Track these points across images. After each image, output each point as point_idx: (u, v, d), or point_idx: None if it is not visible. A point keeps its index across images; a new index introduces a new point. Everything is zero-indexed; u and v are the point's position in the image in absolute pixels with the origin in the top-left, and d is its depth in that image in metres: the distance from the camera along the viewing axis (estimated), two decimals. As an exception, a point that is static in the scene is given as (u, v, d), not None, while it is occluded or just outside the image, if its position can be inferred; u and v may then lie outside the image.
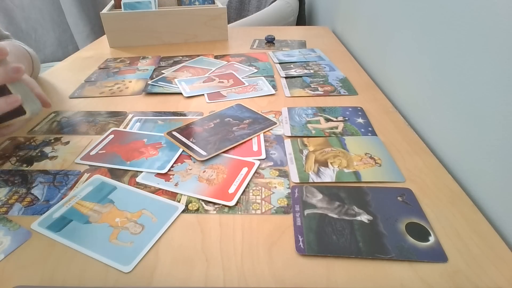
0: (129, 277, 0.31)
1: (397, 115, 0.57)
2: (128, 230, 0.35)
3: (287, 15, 1.27)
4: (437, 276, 0.31)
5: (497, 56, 0.38)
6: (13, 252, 0.33)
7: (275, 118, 0.56)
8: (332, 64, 0.78)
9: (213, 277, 0.31)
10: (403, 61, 0.61)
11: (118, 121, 0.56)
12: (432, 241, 0.34)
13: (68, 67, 0.83)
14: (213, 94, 0.65)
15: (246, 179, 0.42)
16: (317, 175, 0.43)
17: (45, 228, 0.36)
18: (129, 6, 0.94)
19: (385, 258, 0.32)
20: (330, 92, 0.65)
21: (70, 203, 0.39)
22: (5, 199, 0.40)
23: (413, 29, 0.57)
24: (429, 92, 0.52)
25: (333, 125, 0.54)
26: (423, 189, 0.41)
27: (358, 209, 0.38)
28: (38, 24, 1.61)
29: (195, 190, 0.41)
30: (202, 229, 0.36)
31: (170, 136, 0.51)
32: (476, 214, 0.37)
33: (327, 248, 0.33)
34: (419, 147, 0.49)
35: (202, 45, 0.95)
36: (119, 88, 0.69)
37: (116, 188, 0.41)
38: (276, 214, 0.38)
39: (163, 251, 0.33)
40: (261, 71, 0.76)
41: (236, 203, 0.39)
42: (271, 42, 0.96)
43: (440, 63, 0.49)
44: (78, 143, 0.50)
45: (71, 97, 0.66)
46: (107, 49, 0.95)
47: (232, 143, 0.49)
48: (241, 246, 0.34)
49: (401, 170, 0.44)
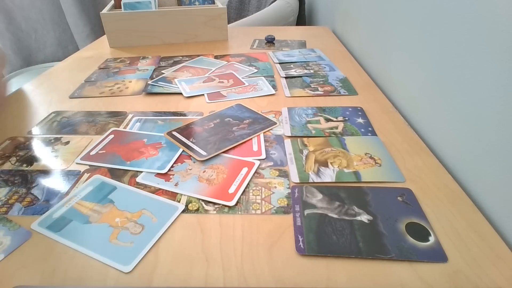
0: (129, 277, 0.31)
1: (397, 115, 0.57)
2: (128, 230, 0.35)
3: (287, 15, 1.27)
4: (437, 276, 0.31)
5: (497, 56, 0.38)
6: (13, 252, 0.33)
7: (275, 118, 0.56)
8: (332, 64, 0.78)
9: (213, 277, 0.31)
10: (403, 61, 0.61)
11: (118, 121, 0.56)
12: (432, 241, 0.34)
13: (68, 67, 0.83)
14: (213, 94, 0.65)
15: (246, 179, 0.42)
16: (317, 175, 0.43)
17: (45, 228, 0.36)
18: (129, 6, 0.94)
19: (385, 258, 0.32)
20: (330, 92, 0.65)
21: (70, 203, 0.39)
22: (5, 199, 0.40)
23: (413, 29, 0.57)
24: (429, 92, 0.52)
25: (333, 125, 0.54)
26: (423, 189, 0.41)
27: (358, 209, 0.38)
28: (38, 24, 1.61)
29: (195, 190, 0.41)
30: (202, 229, 0.36)
31: (170, 136, 0.51)
32: (476, 214, 0.37)
33: (327, 248, 0.33)
34: (419, 147, 0.49)
35: (202, 45, 0.95)
36: (119, 88, 0.69)
37: (116, 188, 0.41)
38: (276, 214, 0.38)
39: (163, 251, 0.33)
40: (261, 71, 0.76)
41: (236, 203, 0.39)
42: (271, 42, 0.96)
43: (440, 63, 0.49)
44: (78, 143, 0.50)
45: (71, 97, 0.66)
46: (107, 49, 0.95)
47: (232, 143, 0.49)
48: (241, 246, 0.34)
49: (401, 170, 0.44)
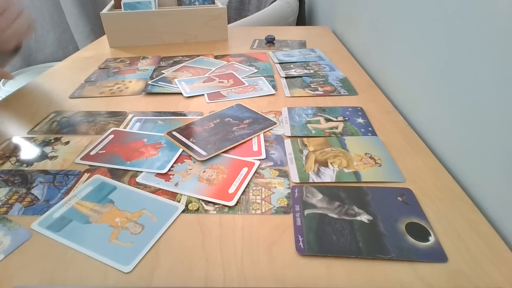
0: (129, 277, 0.31)
1: (397, 115, 0.57)
2: (128, 230, 0.35)
3: (287, 15, 1.27)
4: (437, 276, 0.31)
5: (497, 56, 0.38)
6: (13, 252, 0.33)
7: (275, 118, 0.56)
8: (332, 64, 0.78)
9: (213, 277, 0.31)
10: (403, 61, 0.61)
11: (118, 121, 0.56)
12: (432, 241, 0.34)
13: (68, 67, 0.83)
14: (213, 94, 0.65)
15: (246, 179, 0.42)
16: (317, 175, 0.43)
17: (45, 228, 0.36)
18: (129, 6, 0.94)
19: (385, 258, 0.32)
20: (330, 92, 0.65)
21: (70, 203, 0.39)
22: (5, 199, 0.40)
23: (413, 29, 0.57)
24: (429, 92, 0.52)
25: (333, 125, 0.54)
26: (423, 189, 0.41)
27: (358, 209, 0.38)
28: (38, 24, 1.61)
29: (195, 190, 0.41)
30: (202, 229, 0.36)
31: (170, 136, 0.51)
32: (476, 214, 0.37)
33: (327, 248, 0.33)
34: (419, 147, 0.49)
35: (202, 45, 0.95)
36: (119, 88, 0.69)
37: (116, 188, 0.41)
38: (276, 214, 0.38)
39: (163, 251, 0.33)
40: (261, 71, 0.76)
41: (236, 203, 0.39)
42: (271, 42, 0.96)
43: (440, 63, 0.49)
44: (78, 143, 0.50)
45: (71, 97, 0.66)
46: (107, 49, 0.95)
47: (232, 143, 0.49)
48: (241, 246, 0.34)
49: (401, 170, 0.44)
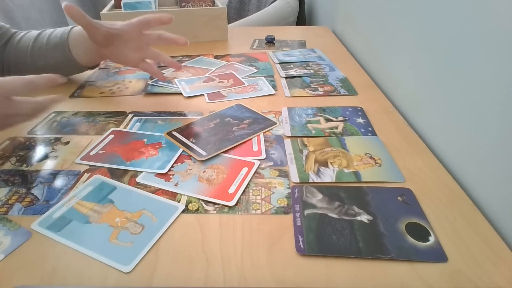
0: (129, 277, 0.31)
1: (397, 115, 0.57)
2: (128, 230, 0.35)
3: (287, 15, 1.27)
4: (437, 276, 0.31)
5: (497, 56, 0.38)
6: (13, 252, 0.33)
7: (275, 118, 0.56)
8: (332, 64, 0.78)
9: (213, 277, 0.31)
10: (403, 61, 0.61)
11: (118, 121, 0.56)
12: (432, 241, 0.34)
13: (68, 67, 0.83)
14: (213, 94, 0.65)
15: (246, 179, 0.42)
16: (317, 175, 0.43)
17: (45, 228, 0.36)
18: (129, 6, 0.94)
19: (385, 258, 0.32)
20: (330, 92, 0.65)
21: (70, 203, 0.39)
22: (5, 199, 0.40)
23: (413, 29, 0.57)
24: (430, 92, 0.52)
25: (333, 125, 0.54)
26: (423, 189, 0.41)
27: (358, 209, 0.38)
28: (38, 24, 1.61)
29: (195, 190, 0.41)
30: (202, 229, 0.36)
31: (170, 136, 0.51)
32: (476, 214, 0.37)
33: (327, 248, 0.33)
34: (419, 147, 0.49)
35: (202, 45, 0.95)
36: (119, 88, 0.69)
37: (116, 188, 0.41)
38: (276, 214, 0.38)
39: (163, 251, 0.33)
40: (261, 71, 0.76)
41: (236, 203, 0.39)
42: (271, 42, 0.96)
43: (440, 62, 0.49)
44: (78, 143, 0.50)
45: (71, 97, 0.65)
46: (107, 49, 0.95)
47: (232, 143, 0.49)
48: (241, 246, 0.34)
49: (401, 170, 0.44)
